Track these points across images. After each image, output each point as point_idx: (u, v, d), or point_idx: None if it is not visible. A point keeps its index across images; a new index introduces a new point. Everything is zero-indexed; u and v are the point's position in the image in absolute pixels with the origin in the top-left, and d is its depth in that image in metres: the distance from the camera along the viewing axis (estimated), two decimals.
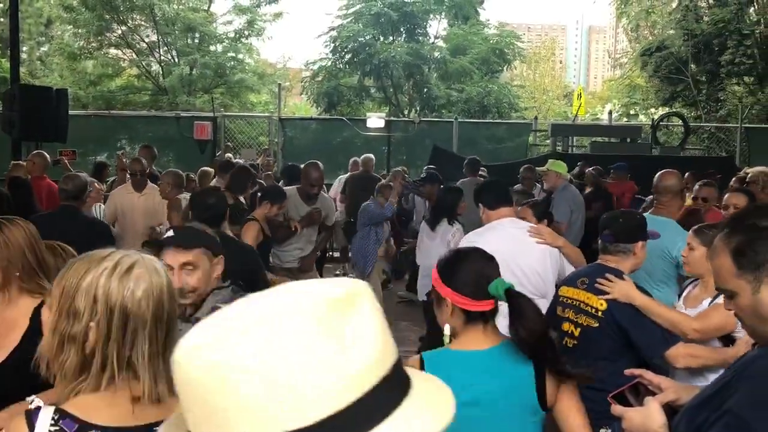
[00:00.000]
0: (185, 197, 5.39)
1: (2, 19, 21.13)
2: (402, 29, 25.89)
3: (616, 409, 1.78)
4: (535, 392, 2.03)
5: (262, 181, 7.14)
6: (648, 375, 1.93)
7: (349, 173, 10.10)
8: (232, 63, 25.61)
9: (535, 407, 2.05)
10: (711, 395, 1.54)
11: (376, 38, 24.91)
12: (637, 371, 1.97)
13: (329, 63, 25.83)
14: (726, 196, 4.33)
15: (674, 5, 24.58)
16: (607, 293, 2.94)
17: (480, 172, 8.71)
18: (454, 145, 12.83)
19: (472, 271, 2.06)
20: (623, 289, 2.90)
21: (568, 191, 6.32)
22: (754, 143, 14.13)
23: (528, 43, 39.28)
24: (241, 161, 10.79)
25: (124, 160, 7.58)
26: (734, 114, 21.71)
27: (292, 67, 40.45)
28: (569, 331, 3.18)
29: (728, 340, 2.78)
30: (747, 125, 14.53)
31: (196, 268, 2.39)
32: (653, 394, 1.85)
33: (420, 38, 25.89)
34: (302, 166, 6.12)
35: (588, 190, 8.02)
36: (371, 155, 10.00)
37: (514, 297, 2.00)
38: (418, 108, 25.36)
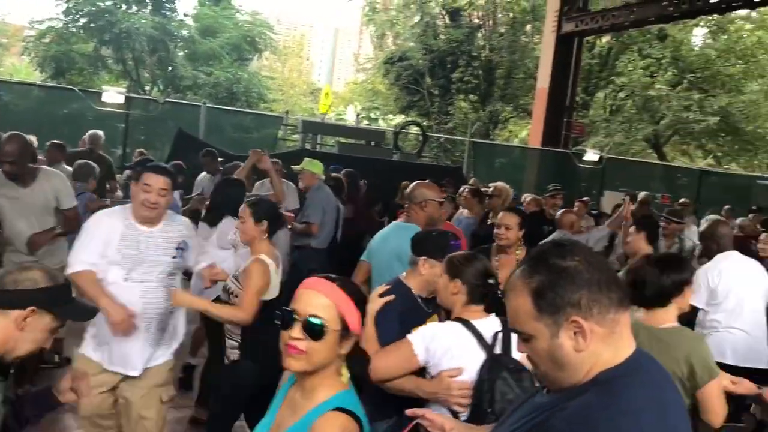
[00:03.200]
0: None
1: None
2: (148, 0, 24.19)
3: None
4: None
5: None
6: (429, 415, 1.81)
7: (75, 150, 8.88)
8: None
9: None
10: None
11: (118, 5, 22.94)
12: (419, 411, 1.84)
13: (60, 25, 23.14)
14: (500, 215, 4.44)
15: (416, 20, 26.33)
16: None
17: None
18: (200, 131, 12.17)
19: None
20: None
21: (322, 192, 6.27)
22: (478, 156, 15.63)
23: (278, 35, 39.24)
24: None
25: None
26: (460, 127, 23.99)
27: (12, 23, 35.82)
28: None
29: None
30: (474, 139, 16.01)
31: None
32: None
33: (167, 13, 24.43)
34: None
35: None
36: (99, 132, 8.93)
37: None
38: (161, 86, 23.87)
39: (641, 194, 9.19)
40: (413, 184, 4.20)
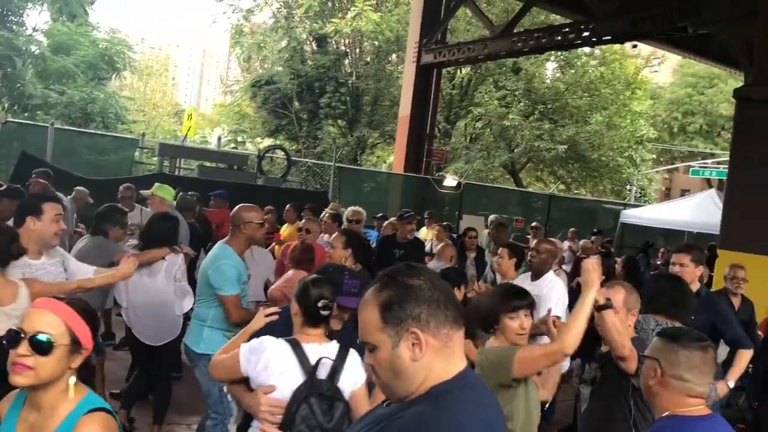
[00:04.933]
0: None
1: None
2: None
3: None
4: None
5: None
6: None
7: None
8: None
9: None
10: None
11: None
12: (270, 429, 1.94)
13: None
14: (333, 237, 4.54)
15: (283, 44, 26.32)
16: None
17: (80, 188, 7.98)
18: (48, 153, 11.46)
19: None
20: None
21: None
22: (344, 180, 15.82)
23: (141, 55, 37.84)
24: None
25: None
26: (329, 152, 24.15)
27: None
28: None
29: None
30: (339, 165, 16.17)
31: None
32: None
33: (14, 27, 22.87)
34: None
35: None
36: None
37: None
38: (6, 105, 22.23)
39: (491, 217, 9.67)
40: (236, 207, 4.35)
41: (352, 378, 2.59)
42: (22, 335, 1.81)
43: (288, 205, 9.19)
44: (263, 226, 4.38)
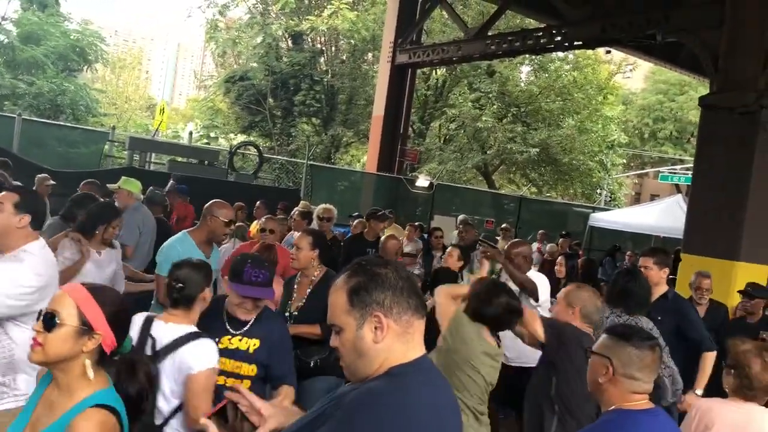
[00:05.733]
0: None
1: None
2: None
3: (209, 428, 1.82)
4: None
5: None
6: (250, 398, 1.89)
7: None
8: None
9: None
10: (306, 423, 1.65)
11: None
12: (242, 390, 1.96)
13: None
14: (298, 237, 4.60)
15: (259, 40, 26.17)
16: None
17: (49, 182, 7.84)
18: (14, 145, 11.28)
19: None
20: None
21: (139, 212, 5.99)
22: (317, 178, 15.79)
23: (114, 47, 37.34)
24: None
25: None
26: (303, 149, 24.05)
27: None
28: None
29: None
30: (312, 162, 16.13)
31: None
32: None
33: None
34: None
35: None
36: None
37: None
38: None
39: (460, 217, 9.76)
40: (211, 201, 4.47)
41: (187, 363, 2.64)
42: (40, 314, 1.93)
43: (258, 202, 9.17)
44: (228, 226, 4.46)
